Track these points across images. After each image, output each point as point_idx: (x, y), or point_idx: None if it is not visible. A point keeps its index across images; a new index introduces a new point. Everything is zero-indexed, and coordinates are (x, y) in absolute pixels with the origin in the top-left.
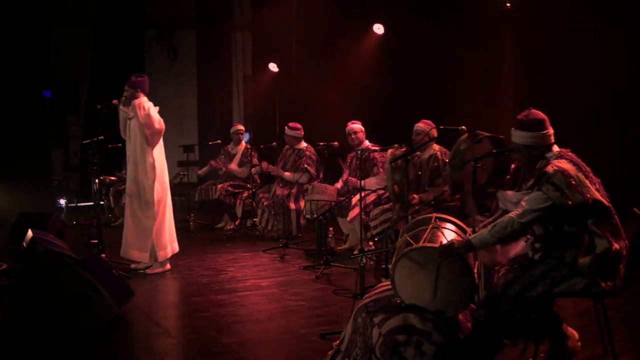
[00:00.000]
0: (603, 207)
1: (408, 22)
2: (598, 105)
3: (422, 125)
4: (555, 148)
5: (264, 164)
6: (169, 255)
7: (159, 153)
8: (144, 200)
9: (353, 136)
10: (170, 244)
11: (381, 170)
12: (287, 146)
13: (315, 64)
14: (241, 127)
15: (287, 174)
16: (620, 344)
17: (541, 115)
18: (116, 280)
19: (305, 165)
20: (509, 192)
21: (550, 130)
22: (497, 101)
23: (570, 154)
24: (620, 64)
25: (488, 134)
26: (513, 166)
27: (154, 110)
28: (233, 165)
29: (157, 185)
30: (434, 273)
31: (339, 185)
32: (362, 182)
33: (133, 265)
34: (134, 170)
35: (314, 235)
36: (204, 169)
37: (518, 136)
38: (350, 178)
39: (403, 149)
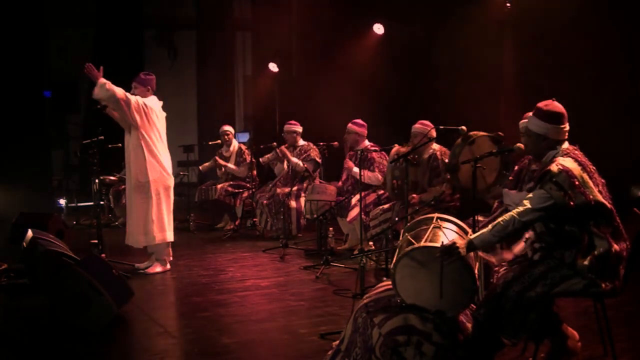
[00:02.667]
0: (605, 209)
1: (408, 22)
2: (599, 104)
3: (419, 126)
4: (565, 144)
5: (278, 149)
6: (167, 239)
7: (155, 139)
8: (141, 183)
9: (347, 136)
10: (168, 230)
11: (376, 170)
12: (285, 145)
13: (315, 64)
14: (228, 129)
15: (295, 159)
16: (620, 344)
17: (561, 109)
18: (116, 280)
19: (313, 157)
20: (513, 192)
21: (567, 127)
22: (497, 100)
23: (577, 152)
24: (621, 63)
25: (483, 134)
26: (516, 168)
27: (140, 98)
28: (231, 165)
29: (150, 167)
30: (435, 273)
31: (340, 184)
32: (362, 177)
33: (137, 265)
34: (129, 156)
35: (314, 235)
36: (207, 164)
37: (533, 123)
38: (347, 161)
39: (409, 147)
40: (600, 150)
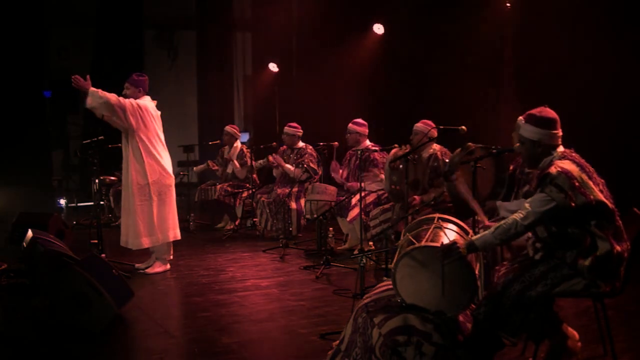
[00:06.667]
0: (606, 209)
1: (408, 22)
2: (598, 105)
3: (421, 125)
4: (560, 149)
5: (270, 157)
6: (176, 237)
7: (152, 139)
8: (141, 186)
9: (348, 135)
10: (173, 228)
11: (381, 172)
12: (283, 147)
13: (315, 64)
14: (228, 130)
15: (289, 166)
16: (620, 344)
17: (554, 114)
18: (116, 280)
19: (310, 164)
20: (507, 203)
21: (560, 132)
22: (497, 101)
23: (574, 154)
24: (621, 64)
25: (481, 145)
26: (511, 167)
27: (134, 101)
28: (235, 163)
29: (149, 169)
30: (436, 273)
31: (337, 174)
32: (362, 183)
33: (137, 265)
34: (128, 159)
35: (314, 235)
36: (200, 166)
37: (526, 130)
38: (350, 184)
39: (406, 149)
40: (601, 149)
